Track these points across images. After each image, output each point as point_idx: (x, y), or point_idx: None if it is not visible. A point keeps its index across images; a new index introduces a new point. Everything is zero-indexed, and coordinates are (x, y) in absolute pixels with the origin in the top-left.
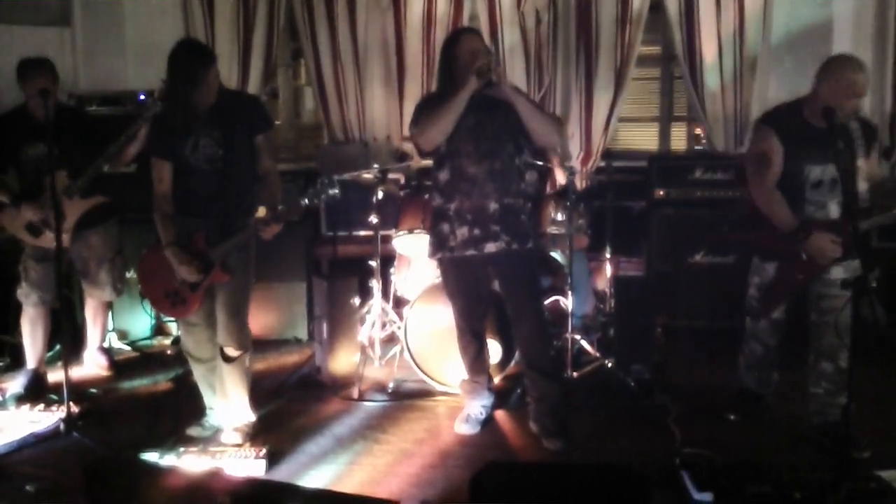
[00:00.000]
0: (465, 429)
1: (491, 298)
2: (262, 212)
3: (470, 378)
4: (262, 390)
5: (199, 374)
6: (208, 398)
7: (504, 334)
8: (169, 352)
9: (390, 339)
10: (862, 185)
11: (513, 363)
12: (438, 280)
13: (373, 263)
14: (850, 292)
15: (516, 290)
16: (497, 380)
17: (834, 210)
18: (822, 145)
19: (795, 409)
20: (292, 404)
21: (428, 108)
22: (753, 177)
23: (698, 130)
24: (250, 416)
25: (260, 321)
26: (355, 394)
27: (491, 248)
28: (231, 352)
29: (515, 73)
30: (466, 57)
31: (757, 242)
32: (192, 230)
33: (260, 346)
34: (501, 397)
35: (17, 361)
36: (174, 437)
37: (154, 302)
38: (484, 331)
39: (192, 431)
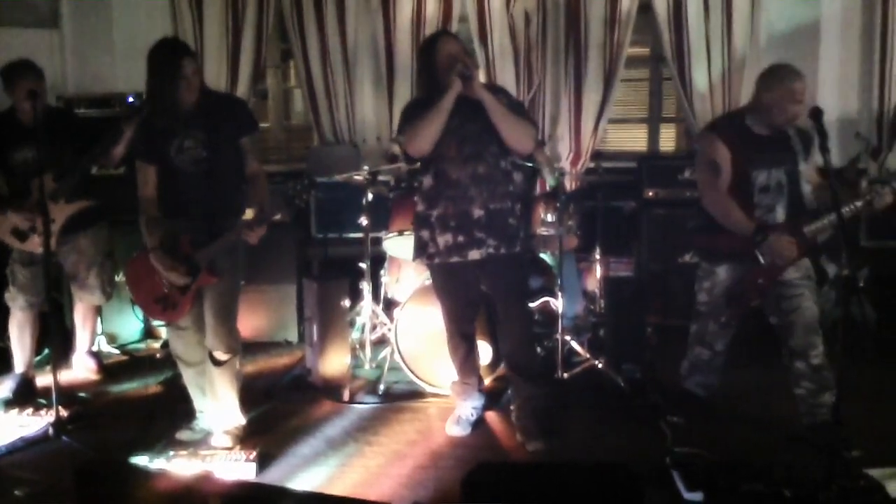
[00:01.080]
0: (456, 430)
1: (481, 300)
2: (249, 213)
3: (460, 380)
4: (252, 393)
5: (188, 377)
6: (198, 401)
7: (495, 335)
8: (158, 355)
9: (381, 341)
10: (806, 188)
11: (503, 364)
12: (429, 282)
13: (363, 265)
14: (808, 288)
15: (503, 293)
16: (488, 381)
17: (780, 213)
18: (766, 151)
19: (785, 409)
20: (283, 406)
21: (413, 115)
22: (706, 185)
23: None
24: (240, 419)
25: (250, 323)
26: (346, 396)
27: (475, 255)
28: (220, 355)
29: (505, 74)
30: (445, 61)
31: (716, 247)
32: (178, 232)
33: (250, 348)
34: (493, 398)
35: (5, 366)
36: (164, 441)
37: (144, 307)
38: (473, 333)
39: (183, 435)
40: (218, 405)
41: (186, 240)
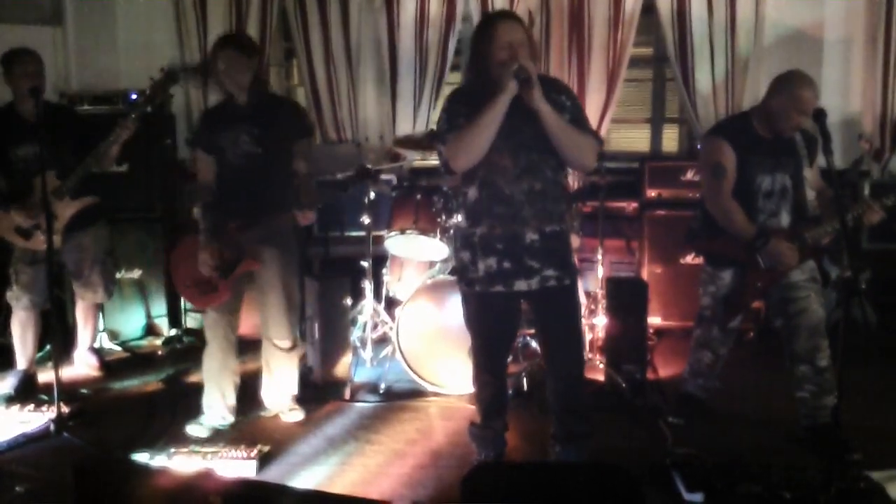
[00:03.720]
0: None
1: (517, 332)
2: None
3: (482, 423)
4: (253, 390)
5: (211, 369)
6: (212, 396)
7: None
8: (160, 352)
9: (382, 340)
10: (809, 194)
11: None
12: (430, 281)
13: (365, 264)
14: (813, 291)
15: (557, 328)
16: None
17: (785, 218)
18: (771, 155)
19: (785, 410)
20: None
21: (455, 116)
22: (710, 187)
23: None
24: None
25: (251, 321)
26: (347, 394)
27: (522, 285)
28: (283, 343)
29: None
30: (503, 51)
31: (716, 250)
32: (225, 220)
33: (251, 345)
34: None
35: (7, 362)
36: (165, 437)
37: (183, 290)
38: (505, 369)
39: (191, 430)
40: (279, 389)
41: (234, 226)
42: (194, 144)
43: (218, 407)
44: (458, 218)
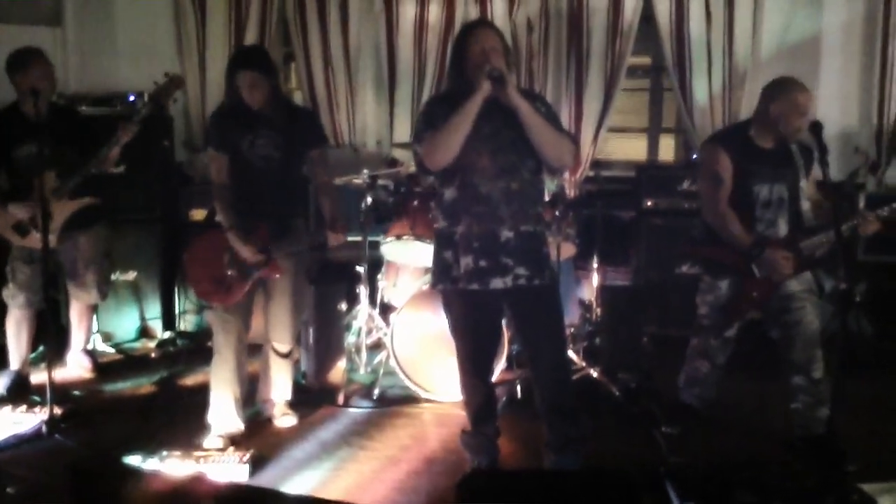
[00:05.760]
0: None
1: (501, 334)
2: None
3: (473, 430)
4: (247, 394)
5: (225, 374)
6: (225, 402)
7: None
8: (153, 355)
9: (377, 346)
10: (805, 205)
11: (501, 369)
12: (426, 287)
13: (360, 269)
14: (810, 302)
15: (536, 331)
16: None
17: (783, 228)
18: (769, 165)
19: (780, 420)
20: None
21: (432, 118)
22: (707, 196)
23: None
24: (239, 424)
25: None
26: (341, 400)
27: (498, 283)
28: (282, 347)
29: None
30: (477, 57)
31: (712, 258)
32: (252, 224)
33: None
34: None
35: (0, 362)
36: (158, 440)
37: (196, 285)
38: (492, 373)
39: (209, 443)
40: (273, 391)
41: (264, 229)
42: (206, 144)
43: (231, 413)
44: (437, 219)
